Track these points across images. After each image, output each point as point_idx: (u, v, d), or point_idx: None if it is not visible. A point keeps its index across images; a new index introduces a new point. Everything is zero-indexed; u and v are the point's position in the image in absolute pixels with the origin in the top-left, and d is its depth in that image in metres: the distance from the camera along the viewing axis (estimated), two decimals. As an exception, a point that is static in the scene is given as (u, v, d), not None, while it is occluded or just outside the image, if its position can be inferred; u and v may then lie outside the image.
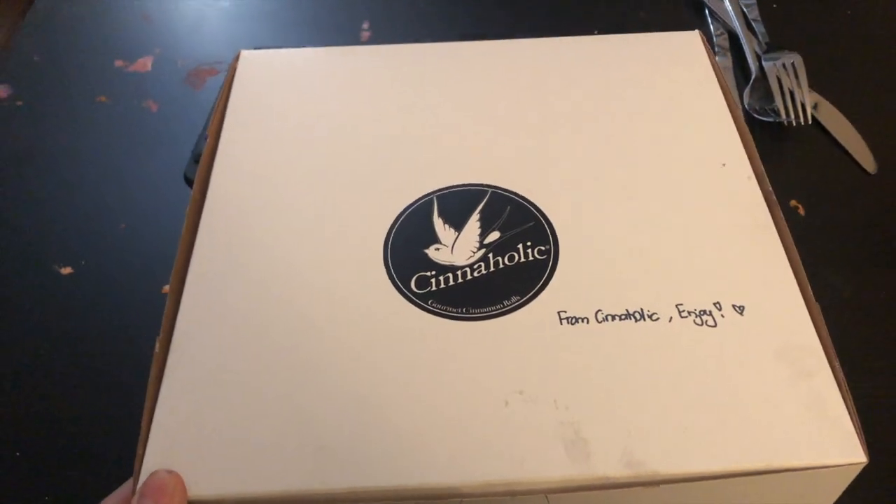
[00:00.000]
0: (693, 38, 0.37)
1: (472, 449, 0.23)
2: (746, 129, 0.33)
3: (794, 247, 0.28)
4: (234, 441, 0.24)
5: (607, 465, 0.23)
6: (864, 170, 0.47)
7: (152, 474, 0.23)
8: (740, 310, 0.27)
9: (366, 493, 0.23)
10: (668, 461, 0.23)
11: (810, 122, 0.47)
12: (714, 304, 0.27)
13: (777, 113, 0.48)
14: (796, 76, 0.48)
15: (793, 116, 0.47)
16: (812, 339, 0.26)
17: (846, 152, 0.47)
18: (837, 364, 0.25)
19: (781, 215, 0.30)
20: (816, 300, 0.27)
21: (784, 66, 0.49)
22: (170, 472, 0.23)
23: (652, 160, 0.31)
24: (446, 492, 0.22)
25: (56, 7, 0.57)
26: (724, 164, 0.31)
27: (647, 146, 0.32)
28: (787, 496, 0.25)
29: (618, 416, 0.24)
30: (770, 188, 0.31)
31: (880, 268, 0.42)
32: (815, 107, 0.48)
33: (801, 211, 0.45)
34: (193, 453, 0.23)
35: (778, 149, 0.48)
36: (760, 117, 0.48)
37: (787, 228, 0.29)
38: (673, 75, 0.35)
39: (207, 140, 0.32)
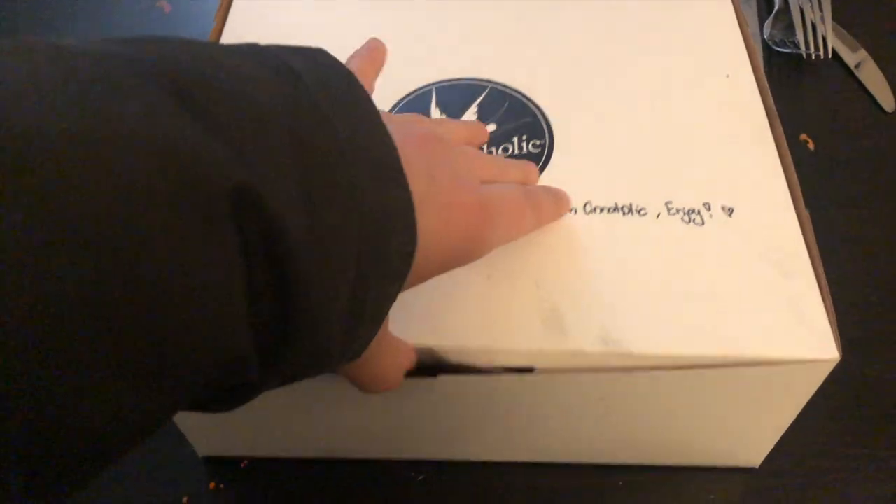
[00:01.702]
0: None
1: (451, 315, 0.24)
2: (754, 45, 0.33)
3: (790, 158, 0.29)
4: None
5: (583, 340, 0.23)
6: (881, 107, 0.46)
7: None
8: (729, 212, 0.27)
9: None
10: (644, 342, 0.24)
11: (830, 56, 0.46)
12: (703, 204, 0.27)
13: (797, 45, 0.47)
14: (820, 8, 0.47)
15: (812, 49, 0.46)
16: (799, 244, 0.26)
17: (864, 88, 0.46)
18: (821, 269, 0.26)
19: (780, 128, 0.30)
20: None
21: (808, -3, 0.48)
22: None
23: (657, 67, 0.31)
24: (421, 352, 0.23)
25: None
26: (727, 76, 0.31)
27: (653, 53, 0.32)
28: (762, 392, 0.26)
29: (597, 299, 0.24)
30: (772, 103, 0.31)
31: (885, 206, 0.41)
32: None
33: (811, 146, 0.44)
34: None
35: (794, 81, 0.47)
36: (780, 49, 0.47)
37: (784, 141, 0.29)
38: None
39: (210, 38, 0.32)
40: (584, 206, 0.26)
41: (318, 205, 0.15)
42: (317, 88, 0.17)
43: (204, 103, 0.14)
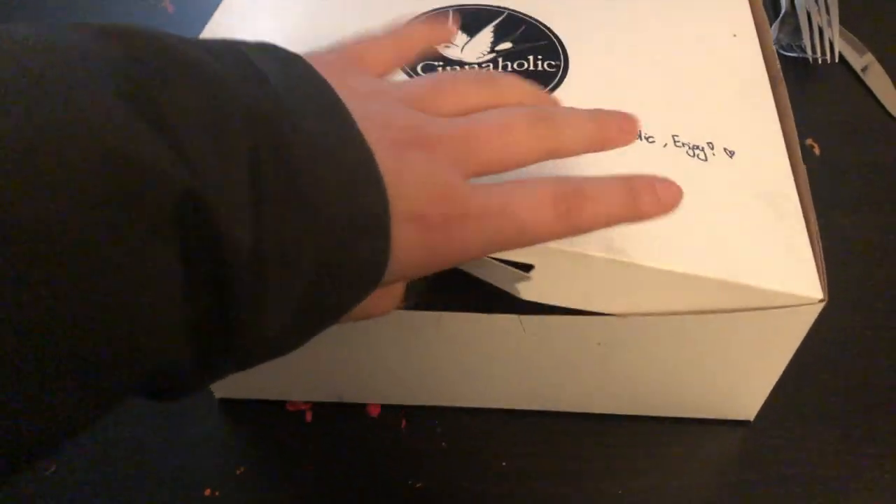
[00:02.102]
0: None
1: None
2: (762, 11, 0.34)
3: (790, 113, 0.29)
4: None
5: (588, 244, 0.24)
6: (887, 112, 0.46)
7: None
8: (730, 154, 0.27)
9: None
10: (646, 255, 0.24)
11: (836, 60, 0.47)
12: (707, 143, 0.27)
13: (804, 49, 0.48)
14: (828, 12, 0.48)
15: (819, 53, 0.47)
16: (792, 192, 0.27)
17: (871, 93, 0.47)
18: (813, 218, 0.26)
19: (784, 87, 0.30)
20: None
21: (816, 1, 0.49)
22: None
23: (669, 22, 0.32)
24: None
25: None
26: (734, 35, 0.32)
27: (666, 9, 0.33)
28: (753, 338, 0.26)
29: None
30: (779, 66, 0.31)
31: (891, 211, 0.40)
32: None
33: (817, 151, 0.44)
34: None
35: (801, 86, 0.47)
36: (787, 53, 0.48)
37: (787, 98, 0.30)
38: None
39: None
40: (595, 124, 0.27)
41: (269, 214, 0.15)
42: (285, 94, 0.16)
43: (159, 107, 0.14)
